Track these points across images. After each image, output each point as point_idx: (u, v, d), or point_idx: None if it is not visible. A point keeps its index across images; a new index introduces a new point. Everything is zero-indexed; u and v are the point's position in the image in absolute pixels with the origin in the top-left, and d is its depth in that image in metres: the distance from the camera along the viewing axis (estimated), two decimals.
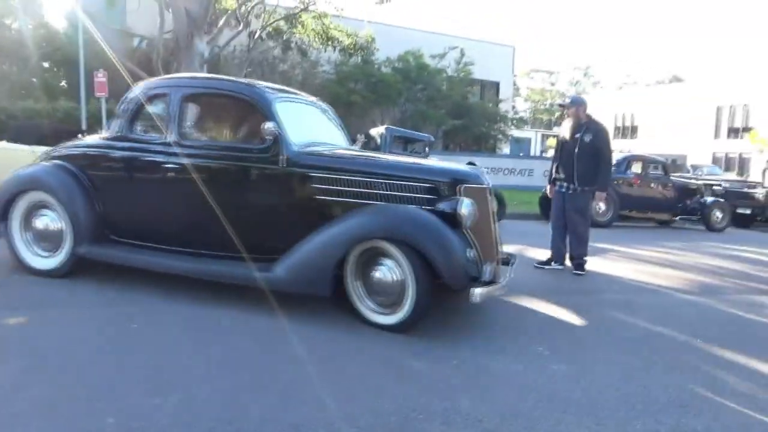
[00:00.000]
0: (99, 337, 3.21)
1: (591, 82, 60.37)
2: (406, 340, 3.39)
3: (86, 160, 4.33)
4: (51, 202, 4.26)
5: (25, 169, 4.50)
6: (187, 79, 4.47)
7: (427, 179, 3.67)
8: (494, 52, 25.08)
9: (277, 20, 14.62)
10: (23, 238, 4.40)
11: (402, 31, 21.24)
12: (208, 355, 3.04)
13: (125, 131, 4.21)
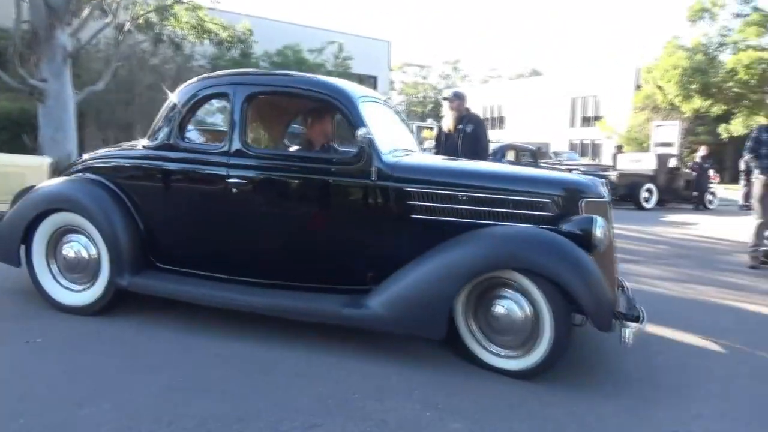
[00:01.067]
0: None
1: (460, 76, 63.46)
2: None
3: (125, 174, 3.66)
4: (83, 224, 3.57)
5: (49, 184, 3.79)
6: (253, 76, 3.70)
7: (546, 192, 3.11)
8: (370, 47, 25.60)
9: (148, 12, 13.81)
10: (49, 268, 3.72)
11: (279, 25, 21.00)
12: None
13: (174, 139, 3.51)
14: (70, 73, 11.64)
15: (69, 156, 11.27)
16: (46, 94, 11.16)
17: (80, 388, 2.63)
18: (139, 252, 3.54)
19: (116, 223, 3.48)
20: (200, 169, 3.46)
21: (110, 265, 3.49)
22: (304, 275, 3.32)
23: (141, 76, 15.58)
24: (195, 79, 3.67)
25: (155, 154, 3.56)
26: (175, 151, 3.50)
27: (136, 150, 3.72)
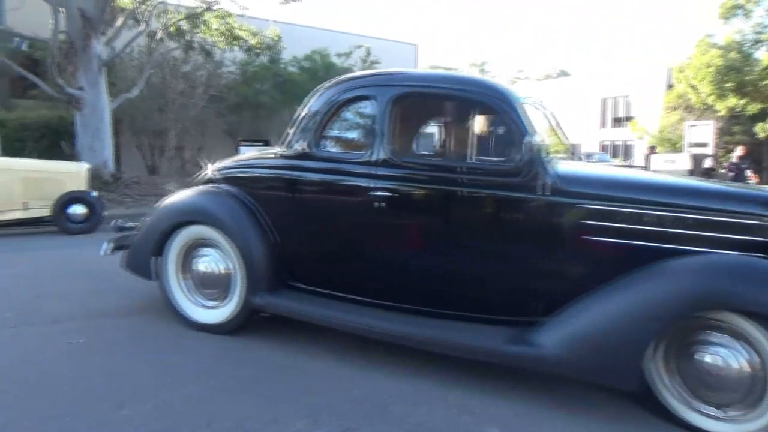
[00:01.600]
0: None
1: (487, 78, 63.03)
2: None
3: (260, 184, 3.45)
4: (216, 238, 3.43)
5: (181, 196, 3.68)
6: (400, 76, 3.31)
7: (752, 212, 2.60)
8: (397, 50, 25.62)
9: (179, 20, 14.09)
10: (181, 283, 3.59)
11: (307, 30, 21.17)
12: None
13: (312, 147, 3.23)
14: (105, 81, 11.96)
15: (105, 162, 11.57)
16: (83, 103, 11.48)
17: (121, 390, 2.68)
18: (274, 269, 3.31)
19: (251, 237, 3.29)
20: (341, 180, 3.17)
21: (244, 282, 3.29)
22: (455, 302, 2.91)
23: (173, 82, 15.88)
24: (332, 81, 3.39)
25: (291, 164, 3.31)
26: (313, 161, 3.22)
27: (270, 159, 3.49)
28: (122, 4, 13.43)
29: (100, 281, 4.91)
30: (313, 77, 19.13)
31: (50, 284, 4.78)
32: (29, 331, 3.54)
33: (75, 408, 2.49)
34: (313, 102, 3.35)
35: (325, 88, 3.36)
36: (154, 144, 16.35)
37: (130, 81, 14.35)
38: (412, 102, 3.26)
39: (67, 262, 5.91)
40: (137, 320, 3.79)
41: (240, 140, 14.53)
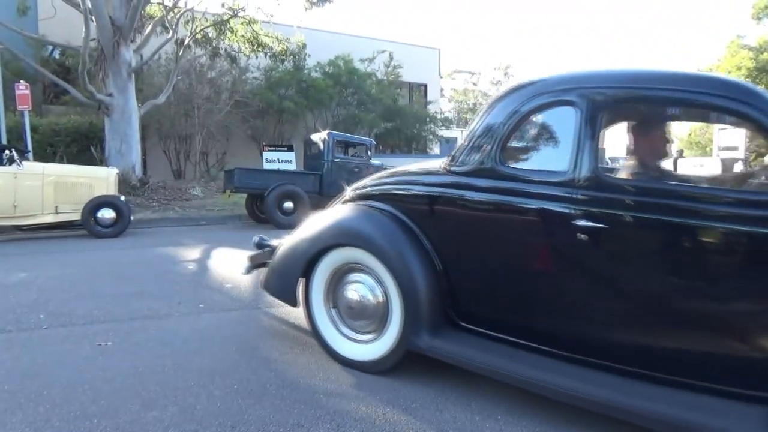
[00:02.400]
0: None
1: (511, 82, 62.71)
2: None
3: (423, 204, 2.94)
4: (370, 263, 2.98)
5: (331, 213, 3.28)
6: (609, 76, 2.55)
7: None
8: (420, 55, 25.61)
9: (206, 27, 14.32)
10: (327, 312, 3.21)
11: (331, 35, 21.31)
12: None
13: (491, 163, 2.68)
14: (133, 87, 12.20)
15: (133, 167, 11.80)
16: (112, 108, 11.72)
17: (148, 391, 2.73)
18: (439, 304, 2.81)
19: (413, 265, 2.81)
20: (528, 204, 2.56)
21: (403, 317, 2.82)
22: (681, 366, 2.24)
23: (199, 88, 16.14)
24: (517, 85, 2.81)
25: (464, 182, 2.77)
26: (492, 179, 2.67)
27: (436, 175, 2.97)
28: (151, 12, 13.71)
29: (129, 285, 5.00)
30: (336, 82, 19.28)
31: (81, 287, 4.89)
32: (61, 332, 3.62)
33: (103, 408, 2.53)
34: (494, 110, 2.78)
35: (508, 93, 2.79)
36: (180, 149, 16.62)
37: (157, 87, 14.63)
38: (628, 108, 2.62)
39: (97, 265, 6.04)
40: (163, 323, 3.85)
41: (264, 145, 14.67)
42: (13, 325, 3.75)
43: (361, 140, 11.04)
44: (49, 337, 3.52)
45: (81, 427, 2.36)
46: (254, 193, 9.80)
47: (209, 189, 13.38)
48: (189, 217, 10.24)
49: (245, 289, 4.84)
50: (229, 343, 3.43)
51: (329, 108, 19.31)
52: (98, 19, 11.23)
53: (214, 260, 6.40)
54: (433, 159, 3.42)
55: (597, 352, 2.40)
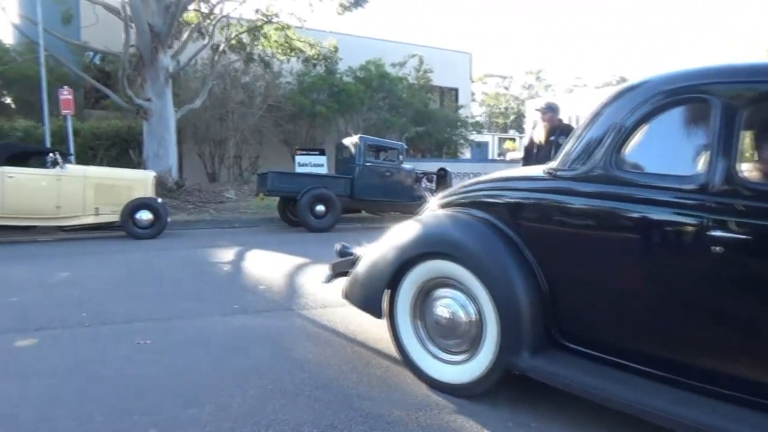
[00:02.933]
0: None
1: (543, 85, 62.05)
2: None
3: (525, 212, 2.69)
4: (461, 276, 2.73)
5: (421, 221, 3.04)
6: (750, 69, 2.25)
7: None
8: (452, 59, 25.57)
9: (240, 33, 14.59)
10: (414, 329, 2.97)
11: (362, 40, 21.44)
12: None
13: (609, 166, 2.38)
14: (170, 92, 12.50)
15: (169, 170, 12.07)
16: (150, 113, 12.03)
17: (185, 389, 2.80)
18: (541, 323, 2.55)
19: (514, 278, 2.55)
20: (652, 213, 2.28)
21: (500, 337, 2.57)
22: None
23: (233, 93, 16.42)
24: (633, 83, 2.54)
25: (575, 188, 2.50)
26: (608, 185, 2.39)
27: (541, 180, 2.69)
28: (188, 19, 14.03)
29: (166, 285, 5.13)
30: (368, 87, 19.39)
31: (121, 287, 5.04)
32: (102, 330, 3.75)
33: (144, 405, 2.61)
34: (611, 108, 2.50)
35: (625, 92, 2.52)
36: (214, 152, 16.93)
37: (193, 92, 14.95)
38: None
39: (136, 266, 6.21)
40: (199, 323, 3.94)
41: (296, 149, 14.85)
42: (58, 322, 3.89)
43: (393, 144, 11.08)
44: (91, 335, 3.65)
45: (123, 423, 2.44)
46: (287, 197, 9.92)
47: (242, 192, 13.60)
48: (223, 220, 10.43)
49: (278, 291, 4.91)
50: (264, 343, 3.50)
51: (360, 112, 19.41)
52: (138, 25, 11.55)
53: (247, 262, 6.52)
54: (510, 166, 3.30)
55: (728, 382, 2.08)
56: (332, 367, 3.12)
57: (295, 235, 9.14)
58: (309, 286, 5.11)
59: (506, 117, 60.98)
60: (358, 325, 3.89)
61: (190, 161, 16.62)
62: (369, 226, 10.63)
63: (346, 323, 3.93)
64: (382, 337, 3.63)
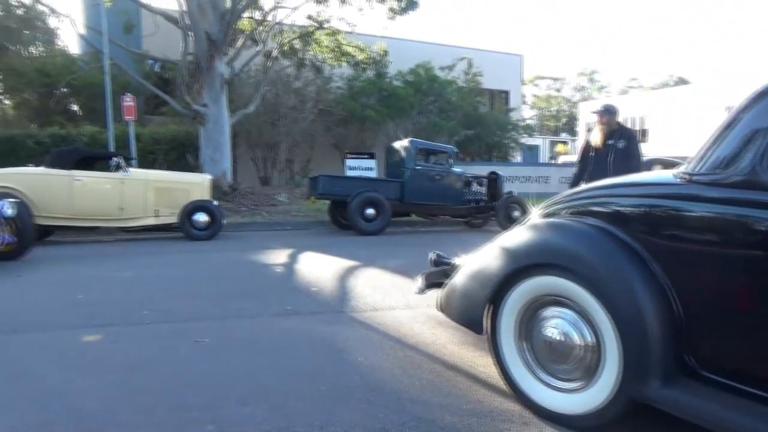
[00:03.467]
0: None
1: (596, 87, 60.52)
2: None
3: (658, 221, 2.32)
4: (575, 292, 2.42)
5: (527, 229, 2.71)
6: None
7: None
8: (502, 61, 25.29)
9: (293, 39, 14.88)
10: (519, 351, 2.69)
11: (412, 44, 21.50)
12: None
13: (758, 171, 2.05)
14: (225, 98, 12.86)
15: (224, 173, 12.42)
16: (207, 118, 12.41)
17: (240, 388, 2.86)
18: (672, 347, 2.22)
19: (640, 298, 2.22)
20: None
21: (623, 363, 2.25)
22: None
23: (285, 98, 16.75)
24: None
25: (716, 195, 2.16)
26: (761, 191, 2.04)
27: (675, 186, 2.35)
28: (242, 27, 14.41)
29: (222, 285, 5.27)
30: (417, 90, 19.41)
31: (179, 286, 5.21)
32: (163, 327, 3.88)
33: (202, 401, 2.69)
34: (762, 105, 2.17)
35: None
36: (266, 156, 17.30)
37: (246, 97, 15.33)
38: None
39: (194, 266, 6.41)
40: (254, 323, 4.03)
41: (346, 152, 15.01)
42: (120, 320, 4.06)
43: (443, 148, 11.04)
44: (152, 332, 3.79)
45: (183, 418, 2.52)
46: (337, 200, 10.03)
47: (294, 195, 13.84)
48: (275, 222, 10.63)
49: (330, 293, 4.97)
50: (316, 345, 3.54)
51: (410, 116, 19.45)
52: (195, 34, 11.95)
53: (299, 264, 6.62)
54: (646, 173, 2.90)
55: None
56: (384, 370, 3.13)
57: (345, 238, 9.22)
58: (360, 289, 5.14)
59: (557, 120, 59.80)
60: (409, 329, 3.90)
61: (243, 165, 17.03)
62: (419, 230, 10.62)
63: (397, 327, 3.94)
64: (434, 341, 3.63)
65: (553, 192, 15.87)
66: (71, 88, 16.03)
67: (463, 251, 3.61)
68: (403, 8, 13.65)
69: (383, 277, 5.69)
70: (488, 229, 10.84)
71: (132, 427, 2.44)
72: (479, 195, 11.02)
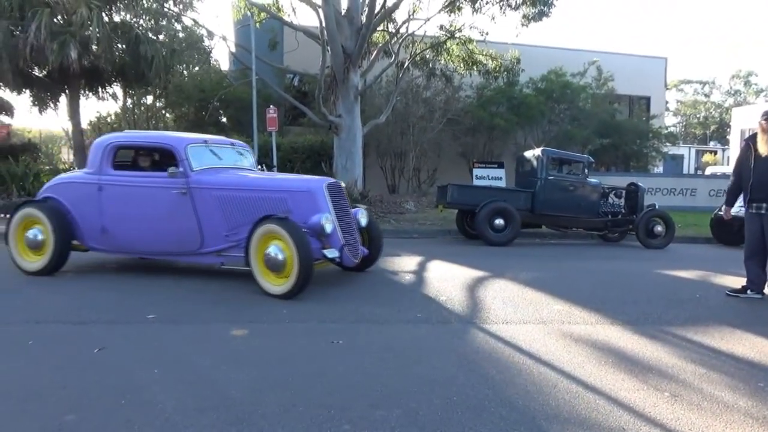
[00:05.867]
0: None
1: (753, 91, 54.47)
2: None
3: None
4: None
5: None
6: None
7: None
8: (643, 65, 23.67)
9: (425, 50, 15.07)
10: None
11: (545, 50, 20.81)
12: None
13: None
14: (359, 109, 13.34)
15: (356, 181, 12.87)
16: (341, 128, 12.95)
17: (373, 391, 2.93)
18: None
19: None
20: None
21: None
22: None
23: (414, 108, 17.00)
24: None
25: None
26: None
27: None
28: (376, 40, 14.87)
29: (350, 289, 5.44)
30: (549, 98, 18.76)
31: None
32: (299, 327, 4.09)
33: (337, 401, 2.78)
34: None
35: None
36: (394, 165, 17.66)
37: (376, 108, 15.78)
38: None
39: None
40: (385, 328, 4.11)
41: (474, 162, 14.87)
42: (265, 318, 4.34)
43: (578, 157, 10.55)
44: (290, 331, 4.00)
45: (320, 415, 2.63)
46: (466, 209, 9.95)
47: (421, 203, 13.97)
48: (403, 230, 10.80)
49: (459, 303, 4.93)
50: (446, 354, 3.53)
51: (540, 124, 18.85)
52: (332, 48, 12.53)
53: (427, 272, 6.65)
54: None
55: None
56: (517, 385, 3.04)
57: (473, 247, 9.12)
58: (489, 300, 5.05)
59: (705, 127, 54.63)
60: (542, 344, 3.76)
61: (372, 173, 17.53)
62: (549, 242, 10.23)
63: (530, 342, 3.81)
64: (570, 359, 3.47)
65: (701, 206, 14.56)
66: (222, 101, 17.54)
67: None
68: (537, 14, 13.27)
69: (513, 290, 5.55)
70: (626, 243, 10.15)
71: (275, 416, 2.59)
72: (617, 207, 10.35)
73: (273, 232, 4.93)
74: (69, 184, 5.94)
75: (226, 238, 5.41)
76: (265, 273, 4.99)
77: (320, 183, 5.52)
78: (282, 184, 5.67)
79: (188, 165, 5.48)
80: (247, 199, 5.38)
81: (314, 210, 5.22)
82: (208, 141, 5.95)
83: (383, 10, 13.12)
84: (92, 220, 5.73)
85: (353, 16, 12.94)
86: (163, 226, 5.56)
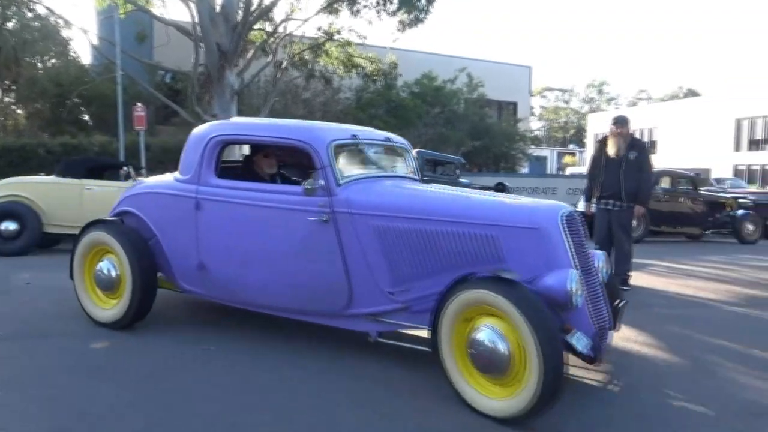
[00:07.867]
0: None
1: (605, 99, 60.48)
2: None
3: None
4: None
5: None
6: None
7: None
8: (511, 73, 25.43)
9: (303, 50, 15.00)
10: None
11: (421, 55, 21.64)
12: None
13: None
14: (235, 108, 12.96)
15: None
16: None
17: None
18: None
19: None
20: None
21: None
22: None
23: (294, 108, 16.87)
24: None
25: None
26: None
27: None
28: (253, 38, 14.55)
29: None
30: (424, 101, 19.54)
31: None
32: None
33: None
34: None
35: None
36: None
37: (255, 108, 15.46)
38: None
39: None
40: None
41: None
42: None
43: (450, 158, 11.08)
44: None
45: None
46: None
47: None
48: None
49: None
50: None
51: (417, 127, 19.57)
52: (206, 45, 12.06)
53: None
54: None
55: None
56: None
57: None
58: None
59: (566, 131, 59.75)
60: None
61: None
62: None
63: None
64: None
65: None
66: (83, 98, 16.22)
67: None
68: (413, 20, 13.72)
69: None
70: None
71: None
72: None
73: (484, 303, 2.77)
74: (155, 195, 4.17)
75: (389, 297, 3.33)
76: (470, 373, 2.84)
77: (554, 214, 3.09)
78: (489, 214, 3.18)
79: (333, 175, 3.43)
80: (429, 234, 3.22)
81: (545, 260, 2.97)
82: (358, 136, 3.79)
83: (260, 8, 12.87)
84: (186, 252, 3.90)
85: (228, 12, 12.55)
86: (290, 268, 3.58)
